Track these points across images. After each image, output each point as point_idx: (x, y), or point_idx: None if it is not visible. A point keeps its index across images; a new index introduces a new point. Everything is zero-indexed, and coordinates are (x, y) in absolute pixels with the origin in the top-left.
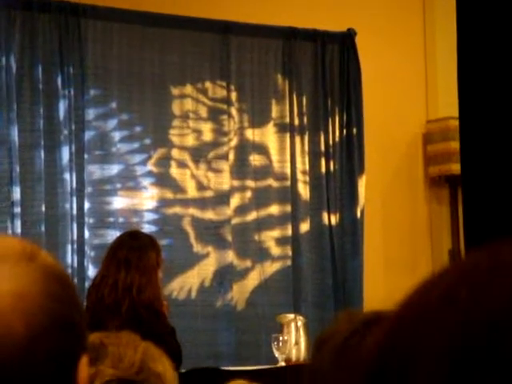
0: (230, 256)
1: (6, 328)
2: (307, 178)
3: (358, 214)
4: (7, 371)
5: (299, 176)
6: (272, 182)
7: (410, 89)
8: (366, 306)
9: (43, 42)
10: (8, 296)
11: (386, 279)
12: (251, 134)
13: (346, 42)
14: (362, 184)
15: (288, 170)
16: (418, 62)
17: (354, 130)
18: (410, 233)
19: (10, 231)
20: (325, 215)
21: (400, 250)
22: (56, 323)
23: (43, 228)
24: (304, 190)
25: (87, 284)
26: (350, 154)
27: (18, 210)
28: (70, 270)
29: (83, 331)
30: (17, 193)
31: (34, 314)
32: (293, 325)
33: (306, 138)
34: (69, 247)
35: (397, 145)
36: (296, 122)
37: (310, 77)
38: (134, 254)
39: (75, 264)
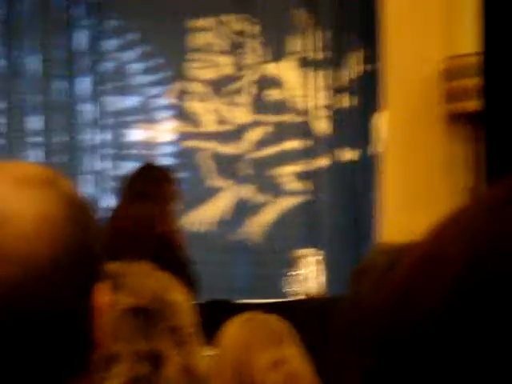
0: (249, 190)
1: (30, 250)
2: (327, 114)
3: (379, 151)
4: (31, 295)
5: (319, 111)
6: (292, 117)
7: (431, 25)
8: (384, 241)
9: None
10: (32, 219)
11: (405, 216)
12: (271, 69)
13: None
14: (382, 120)
15: (308, 105)
16: None
17: (376, 66)
18: (430, 170)
19: (30, 160)
20: (344, 151)
21: (419, 186)
22: (78, 249)
23: (64, 158)
24: (324, 126)
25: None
26: (371, 90)
27: (39, 139)
28: (89, 200)
29: (101, 258)
30: (37, 122)
31: (57, 237)
32: (310, 259)
33: (327, 72)
34: (88, 177)
35: (418, 81)
36: (317, 56)
37: (332, 11)
38: (150, 185)
39: (95, 194)
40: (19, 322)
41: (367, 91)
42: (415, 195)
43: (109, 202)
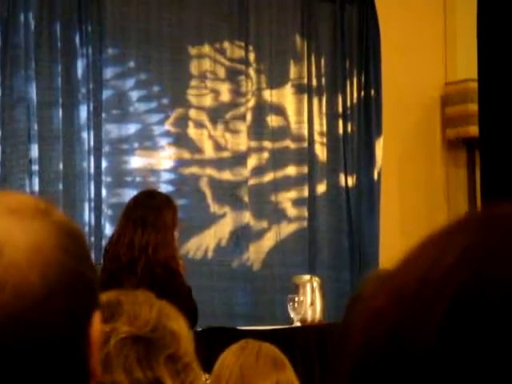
0: (247, 217)
1: (23, 280)
2: (324, 140)
3: (375, 176)
4: (25, 323)
5: (316, 137)
6: (289, 143)
7: (429, 50)
8: (382, 267)
9: (62, 0)
10: (24, 249)
11: (402, 241)
12: (269, 95)
13: (365, 2)
14: (379, 146)
15: (305, 132)
16: (438, 23)
17: (372, 92)
18: (427, 195)
19: (27, 189)
20: (342, 177)
21: (416, 212)
22: (71, 277)
23: (61, 186)
24: (321, 152)
25: (104, 242)
26: (368, 116)
27: (35, 167)
28: (86, 228)
29: (96, 287)
30: (35, 150)
31: (49, 267)
32: (308, 286)
33: (324, 99)
34: (86, 205)
35: (415, 107)
36: (314, 83)
37: (329, 37)
38: (150, 213)
39: (92, 222)
40: (13, 351)
41: (365, 117)
42: (414, 220)
43: (108, 230)
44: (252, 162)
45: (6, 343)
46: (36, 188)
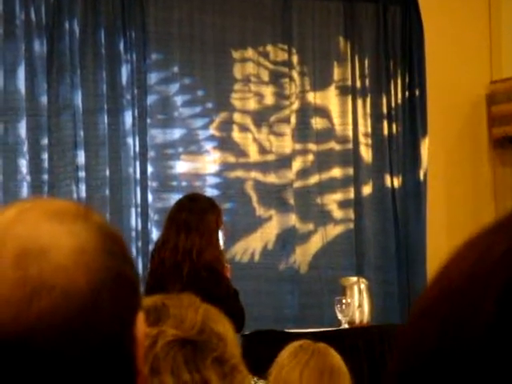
0: (293, 219)
1: (71, 283)
2: (369, 141)
3: (421, 177)
4: (74, 325)
5: (361, 139)
6: (334, 145)
7: (474, 49)
8: (429, 268)
9: (106, 7)
10: (69, 252)
11: (449, 242)
12: (313, 97)
13: (408, 3)
14: (424, 146)
15: (350, 133)
16: (482, 21)
17: (417, 92)
18: (474, 195)
19: (75, 195)
20: (387, 178)
21: (463, 212)
22: (115, 279)
23: (107, 192)
24: (366, 153)
25: (151, 247)
26: (413, 116)
27: (82, 174)
28: (133, 233)
29: (138, 288)
30: (81, 157)
31: (95, 269)
32: (356, 287)
33: (368, 100)
34: (133, 211)
35: (460, 106)
36: (358, 84)
37: (372, 38)
38: (194, 216)
39: (139, 227)
40: (63, 352)
41: (409, 117)
42: (461, 220)
43: (154, 234)
44: (297, 164)
45: (56, 345)
46: (83, 194)
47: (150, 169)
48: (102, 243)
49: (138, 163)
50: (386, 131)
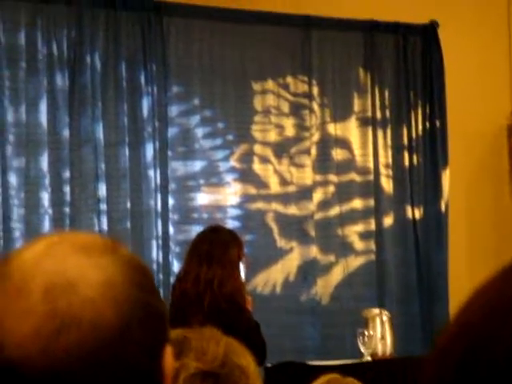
0: (314, 251)
1: (99, 315)
2: (390, 172)
3: (443, 208)
4: (102, 358)
5: (382, 170)
6: (355, 177)
7: (495, 79)
8: (452, 300)
9: (127, 40)
10: (97, 285)
11: (471, 273)
12: (333, 129)
13: (428, 34)
14: (446, 177)
15: (371, 164)
16: (503, 52)
17: (438, 123)
18: (495, 226)
19: (96, 228)
20: (408, 209)
21: (485, 243)
22: (144, 311)
23: (129, 224)
24: (387, 184)
25: (172, 279)
26: (434, 147)
27: (104, 206)
28: (154, 266)
29: (166, 320)
30: (103, 190)
31: (123, 302)
32: (378, 319)
33: (389, 131)
34: (154, 243)
35: (481, 136)
36: (378, 115)
37: (392, 70)
38: (216, 248)
39: (160, 259)
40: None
41: (430, 148)
42: (483, 252)
43: (176, 267)
44: (318, 195)
45: (84, 377)
46: (105, 227)
47: (171, 201)
48: (130, 276)
49: (159, 195)
50: (406, 162)
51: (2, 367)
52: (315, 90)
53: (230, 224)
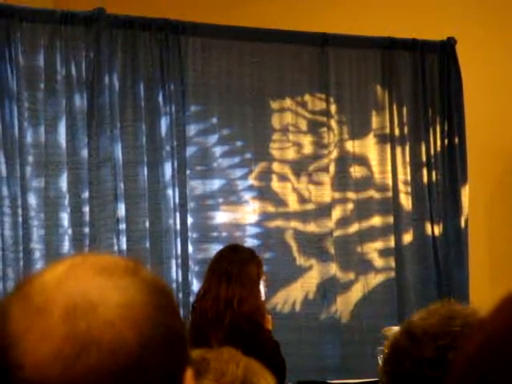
0: (333, 268)
1: (118, 337)
2: (409, 189)
3: (462, 224)
4: (124, 380)
5: (401, 187)
6: (373, 194)
7: None
8: None
9: (144, 60)
10: (117, 306)
11: (492, 290)
12: (351, 146)
13: (446, 51)
14: (465, 194)
15: (389, 181)
16: None
17: (456, 140)
18: None
19: (115, 248)
20: (428, 226)
21: (506, 260)
22: (164, 333)
23: (148, 243)
24: (406, 201)
25: (191, 299)
26: (453, 164)
27: (123, 226)
28: (174, 285)
29: (187, 343)
30: (122, 209)
31: (143, 324)
32: None
33: (407, 148)
34: (173, 262)
35: (500, 153)
36: (396, 132)
37: (410, 87)
38: (235, 267)
39: (179, 279)
40: None
41: (449, 165)
42: (504, 268)
43: (195, 286)
44: (337, 213)
45: None
46: (124, 246)
47: (190, 220)
48: (150, 298)
49: (178, 214)
50: (425, 179)
51: None
52: (333, 108)
53: (249, 242)
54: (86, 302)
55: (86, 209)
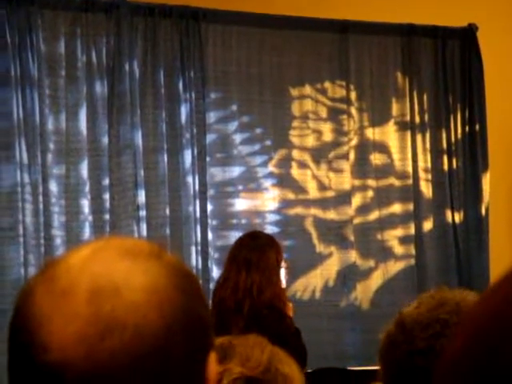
0: (353, 256)
1: (143, 320)
2: (429, 176)
3: (483, 212)
4: (145, 362)
5: (421, 174)
6: (394, 181)
7: None
8: None
9: (165, 47)
10: (142, 289)
11: None
12: (371, 133)
13: (466, 37)
14: (486, 181)
15: (410, 169)
16: None
17: (477, 127)
18: None
19: (136, 234)
20: (448, 213)
21: None
22: (188, 317)
23: (168, 230)
24: (426, 188)
25: (211, 285)
26: (473, 151)
27: (143, 213)
28: (194, 272)
29: (211, 327)
30: (142, 196)
31: (167, 307)
32: None
33: (428, 135)
34: (193, 249)
35: None
36: (417, 119)
37: (431, 74)
38: (254, 254)
39: (199, 265)
40: None
41: (470, 152)
42: None
43: (215, 272)
44: (357, 200)
45: (128, 382)
46: (144, 233)
47: (209, 207)
48: (175, 281)
49: (197, 202)
50: (446, 166)
51: (47, 370)
52: (353, 95)
53: (269, 229)
54: (110, 284)
55: (107, 196)
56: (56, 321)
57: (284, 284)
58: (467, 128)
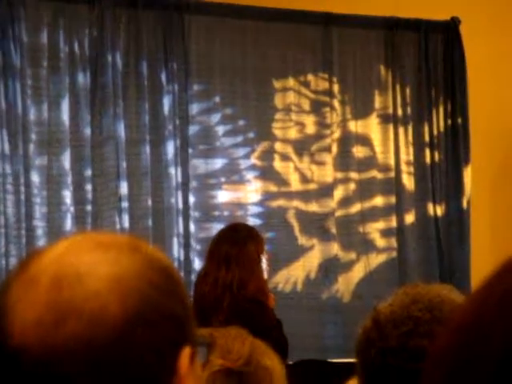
0: (335, 248)
1: (101, 309)
2: (412, 169)
3: (465, 205)
4: (104, 352)
5: (403, 167)
6: (376, 174)
7: None
8: None
9: (147, 39)
10: (105, 279)
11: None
12: (354, 126)
13: (449, 30)
14: (467, 174)
15: (392, 161)
16: None
17: (459, 120)
18: None
19: (118, 226)
20: (430, 206)
21: (508, 241)
22: (155, 310)
23: (150, 222)
24: (408, 181)
25: (193, 277)
26: (456, 144)
27: (125, 204)
28: (176, 263)
29: (187, 323)
30: (124, 188)
31: (130, 299)
32: None
33: (410, 128)
34: (175, 240)
35: (503, 133)
36: (399, 112)
37: (413, 67)
38: (234, 248)
39: (181, 257)
40: (88, 380)
41: (452, 145)
42: (505, 248)
43: (197, 264)
44: (339, 193)
45: (81, 371)
46: (126, 225)
47: (192, 199)
48: (148, 275)
49: (180, 193)
50: (428, 159)
51: (7, 355)
52: (336, 88)
53: (251, 221)
54: (74, 272)
55: (89, 187)
56: (19, 307)
57: (265, 276)
58: (449, 121)
